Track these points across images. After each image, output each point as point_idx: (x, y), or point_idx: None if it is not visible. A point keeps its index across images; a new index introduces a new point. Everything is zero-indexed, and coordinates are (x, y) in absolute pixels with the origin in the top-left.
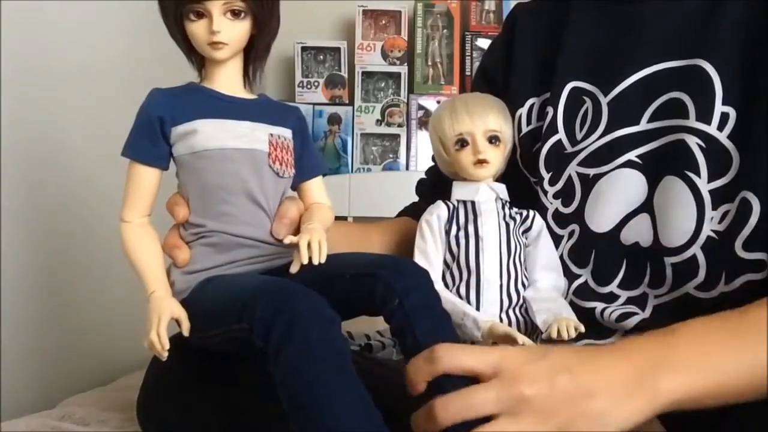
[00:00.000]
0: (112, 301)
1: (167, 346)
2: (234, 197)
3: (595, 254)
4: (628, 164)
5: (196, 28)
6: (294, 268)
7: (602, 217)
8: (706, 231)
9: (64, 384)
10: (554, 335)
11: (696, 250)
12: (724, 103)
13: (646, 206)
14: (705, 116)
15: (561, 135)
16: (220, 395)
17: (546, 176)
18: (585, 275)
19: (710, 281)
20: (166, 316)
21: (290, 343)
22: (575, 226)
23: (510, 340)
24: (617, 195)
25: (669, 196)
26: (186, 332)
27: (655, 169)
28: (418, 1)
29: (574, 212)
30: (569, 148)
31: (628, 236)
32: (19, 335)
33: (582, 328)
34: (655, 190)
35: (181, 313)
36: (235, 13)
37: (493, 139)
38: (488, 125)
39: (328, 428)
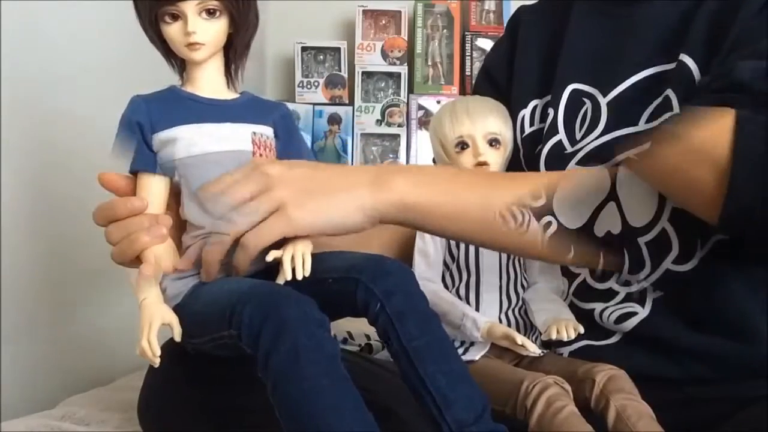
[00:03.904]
0: (112, 301)
1: (158, 352)
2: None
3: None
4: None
5: (172, 31)
6: (279, 282)
7: (574, 213)
8: (670, 204)
9: (64, 384)
10: (553, 336)
11: (664, 223)
12: None
13: (612, 195)
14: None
15: (561, 135)
16: (220, 395)
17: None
18: (584, 273)
19: (686, 251)
20: (156, 323)
21: (279, 348)
22: (550, 218)
23: (509, 341)
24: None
25: (628, 179)
26: (178, 338)
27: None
28: (418, 1)
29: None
30: (569, 148)
31: (600, 228)
32: (19, 335)
33: (581, 329)
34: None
35: (173, 319)
36: (210, 13)
37: (494, 142)
38: (488, 128)
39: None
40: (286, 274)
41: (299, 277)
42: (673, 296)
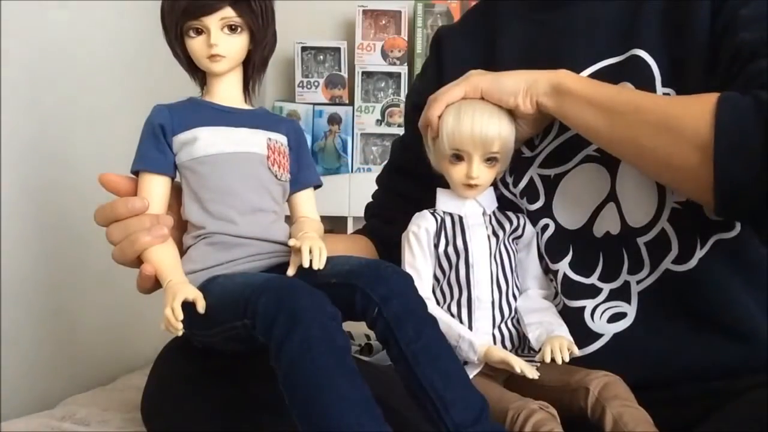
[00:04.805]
0: (113, 301)
1: (181, 317)
2: (234, 199)
3: (572, 248)
4: (588, 159)
5: (196, 44)
6: (291, 271)
7: (573, 214)
8: (669, 204)
9: (64, 384)
10: (547, 359)
11: (664, 223)
12: (663, 85)
13: (612, 196)
14: None
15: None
16: (224, 394)
17: (509, 180)
18: (563, 268)
19: (685, 251)
20: (180, 296)
21: (292, 338)
22: (548, 221)
23: (506, 366)
24: (583, 191)
25: (629, 181)
26: (202, 310)
27: (613, 158)
28: (418, 1)
29: (542, 208)
30: (527, 153)
31: (599, 228)
32: (19, 335)
33: (576, 350)
34: (616, 179)
35: (197, 294)
36: (232, 28)
37: (491, 159)
38: (489, 149)
39: (328, 422)
40: (303, 261)
41: (315, 267)
42: (672, 296)
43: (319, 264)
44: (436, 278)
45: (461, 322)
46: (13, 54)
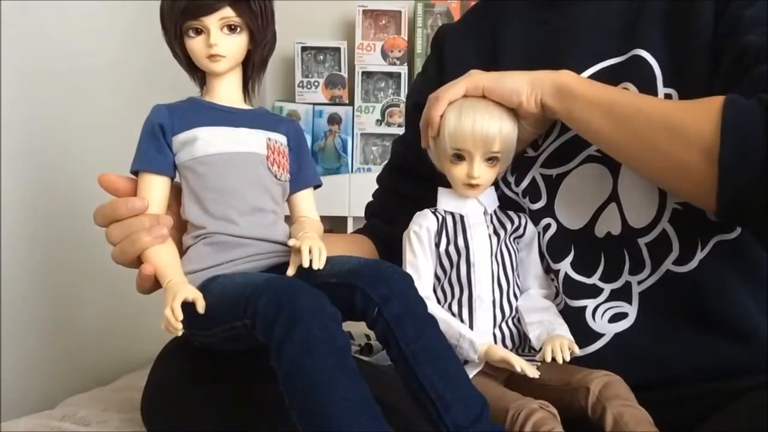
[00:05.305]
0: (113, 301)
1: (180, 317)
2: (234, 199)
3: (574, 248)
4: (590, 159)
5: (195, 44)
6: (291, 271)
7: (575, 214)
8: (670, 205)
9: (64, 384)
10: (548, 359)
11: (665, 224)
12: (665, 85)
13: (613, 196)
14: None
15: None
16: (224, 394)
17: (511, 179)
18: (564, 267)
19: (686, 252)
20: (180, 296)
21: (292, 338)
22: (550, 220)
23: (507, 365)
24: (585, 191)
25: (630, 181)
26: (201, 310)
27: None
28: (418, 1)
29: (544, 207)
30: (530, 152)
31: (600, 229)
32: (19, 335)
33: (576, 350)
34: (618, 179)
35: (197, 294)
36: (232, 28)
37: (492, 159)
38: (489, 148)
39: (328, 422)
40: (303, 261)
41: (315, 267)
42: (672, 297)
43: (319, 264)
44: (437, 277)
45: (462, 321)
46: (12, 55)
